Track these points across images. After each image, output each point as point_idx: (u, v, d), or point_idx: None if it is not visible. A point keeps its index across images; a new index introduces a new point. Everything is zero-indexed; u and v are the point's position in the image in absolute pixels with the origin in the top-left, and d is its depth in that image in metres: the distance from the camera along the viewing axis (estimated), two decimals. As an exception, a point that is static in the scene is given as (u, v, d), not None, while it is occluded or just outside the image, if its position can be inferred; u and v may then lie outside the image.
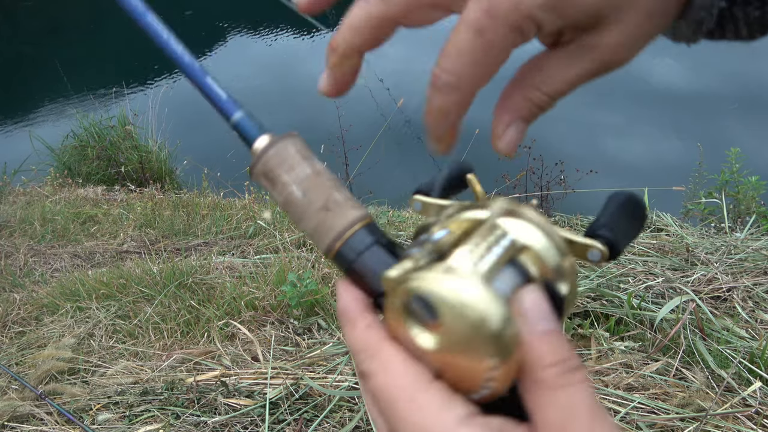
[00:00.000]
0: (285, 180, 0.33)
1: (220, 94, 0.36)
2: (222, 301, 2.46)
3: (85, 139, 6.10)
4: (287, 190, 0.33)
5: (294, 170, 0.33)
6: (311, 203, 0.33)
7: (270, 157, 0.34)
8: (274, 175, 0.34)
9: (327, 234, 0.33)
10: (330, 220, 0.33)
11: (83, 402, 1.92)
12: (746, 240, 2.44)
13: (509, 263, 0.29)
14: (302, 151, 0.34)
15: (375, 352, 0.30)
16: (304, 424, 1.66)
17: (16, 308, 2.84)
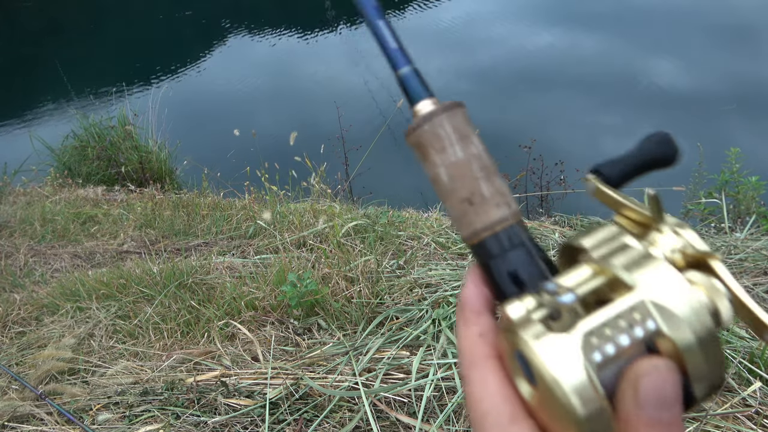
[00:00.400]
0: (434, 160, 0.32)
1: (390, 42, 0.34)
2: (222, 301, 2.46)
3: (85, 139, 6.10)
4: (435, 171, 0.32)
5: (445, 152, 0.31)
6: (455, 191, 0.31)
7: (424, 132, 0.32)
8: (425, 150, 0.32)
9: (466, 227, 0.32)
10: (471, 215, 0.31)
11: (83, 402, 1.92)
12: (746, 240, 2.43)
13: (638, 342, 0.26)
14: (460, 129, 0.32)
15: (479, 363, 0.30)
16: (304, 424, 1.66)
17: (16, 308, 2.84)
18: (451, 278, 2.28)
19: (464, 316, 0.31)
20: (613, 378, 0.26)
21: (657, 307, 0.26)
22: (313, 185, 3.91)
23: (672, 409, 0.25)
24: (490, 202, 0.31)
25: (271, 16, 12.34)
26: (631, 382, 0.25)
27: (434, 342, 1.88)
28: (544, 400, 0.27)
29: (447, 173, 0.31)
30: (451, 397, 1.64)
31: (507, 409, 0.28)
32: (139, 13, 13.61)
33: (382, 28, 0.34)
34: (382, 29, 0.34)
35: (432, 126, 0.32)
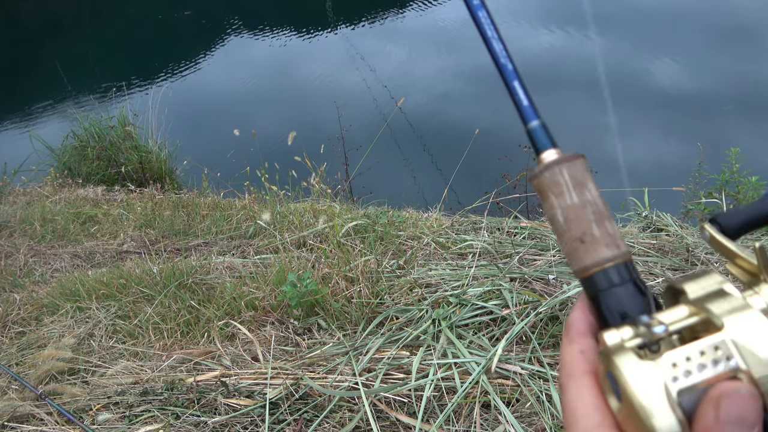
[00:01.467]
0: (552, 202, 0.36)
1: (522, 98, 0.39)
2: (222, 301, 2.46)
3: (85, 139, 6.10)
4: (552, 212, 0.36)
5: (562, 196, 0.36)
6: (569, 231, 0.36)
7: (545, 178, 0.36)
8: (545, 194, 0.37)
9: (576, 263, 0.36)
10: (581, 252, 0.35)
11: (83, 402, 1.92)
12: (746, 240, 2.44)
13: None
14: (576, 177, 0.36)
15: (576, 376, 0.34)
16: (304, 424, 1.66)
17: (16, 308, 2.84)
18: (451, 278, 2.28)
19: (569, 335, 0.36)
20: (692, 404, 0.29)
21: (741, 347, 0.30)
22: (313, 185, 3.91)
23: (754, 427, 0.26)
24: (600, 242, 0.35)
25: (271, 16, 12.33)
26: (713, 402, 0.27)
27: (434, 342, 1.88)
28: (629, 416, 0.30)
29: (563, 215, 0.36)
30: (451, 397, 1.64)
31: (596, 417, 0.32)
32: (139, 14, 13.61)
33: (517, 87, 0.39)
34: (518, 88, 0.39)
35: (552, 173, 0.36)
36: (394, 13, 11.13)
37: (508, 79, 0.40)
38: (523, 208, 4.28)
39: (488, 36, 0.41)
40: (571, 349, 0.35)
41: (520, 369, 1.70)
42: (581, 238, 0.35)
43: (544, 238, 2.63)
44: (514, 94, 0.39)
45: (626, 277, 0.35)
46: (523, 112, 0.39)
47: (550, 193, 0.36)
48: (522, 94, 0.39)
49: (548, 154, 0.37)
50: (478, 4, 0.41)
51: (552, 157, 0.37)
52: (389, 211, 3.22)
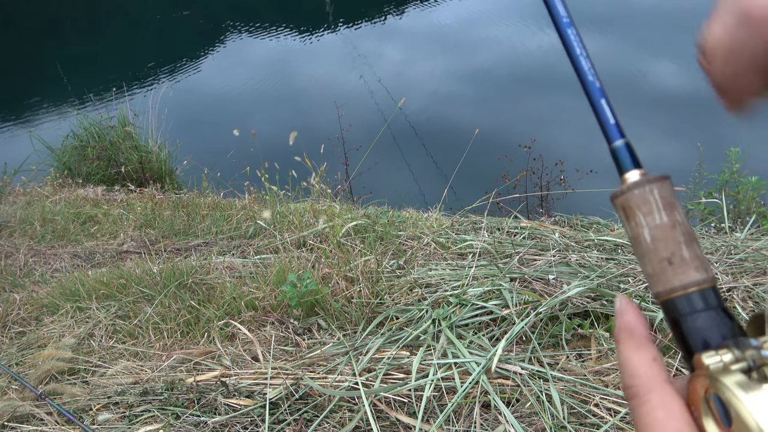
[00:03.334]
0: (639, 221, 0.36)
1: (609, 117, 0.39)
2: (222, 301, 2.46)
3: (85, 139, 6.10)
4: (638, 231, 0.36)
5: (651, 215, 0.35)
6: (656, 251, 0.35)
7: (633, 196, 0.36)
8: (631, 212, 0.36)
9: (661, 284, 0.35)
10: (669, 273, 0.35)
11: (83, 402, 1.92)
12: (746, 240, 2.44)
13: None
14: (666, 198, 0.36)
15: (657, 387, 0.33)
16: (304, 424, 1.66)
17: (16, 308, 2.84)
18: (451, 278, 2.28)
19: (635, 341, 0.34)
20: None
21: None
22: (313, 185, 3.91)
23: None
24: (689, 264, 0.35)
25: (270, 16, 12.33)
26: None
27: (434, 342, 1.88)
28: None
29: (650, 234, 0.35)
30: (451, 397, 1.64)
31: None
32: (139, 14, 13.61)
33: (604, 105, 0.39)
34: (604, 107, 0.39)
35: (642, 191, 0.36)
36: (394, 13, 11.13)
37: (595, 98, 0.40)
38: (523, 208, 4.28)
39: (576, 54, 0.41)
40: (642, 357, 0.34)
41: (520, 369, 1.70)
42: (670, 259, 0.35)
43: (544, 238, 2.63)
44: (600, 112, 0.39)
45: (714, 303, 0.34)
46: (608, 131, 0.39)
47: (638, 212, 0.36)
48: (609, 113, 0.39)
49: (632, 174, 0.37)
50: (567, 22, 0.42)
51: (636, 177, 0.37)
52: (389, 211, 3.22)
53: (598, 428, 1.50)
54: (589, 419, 1.54)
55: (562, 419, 1.52)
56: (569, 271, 2.19)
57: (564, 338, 1.84)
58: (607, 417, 1.53)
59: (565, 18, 0.42)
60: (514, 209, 3.01)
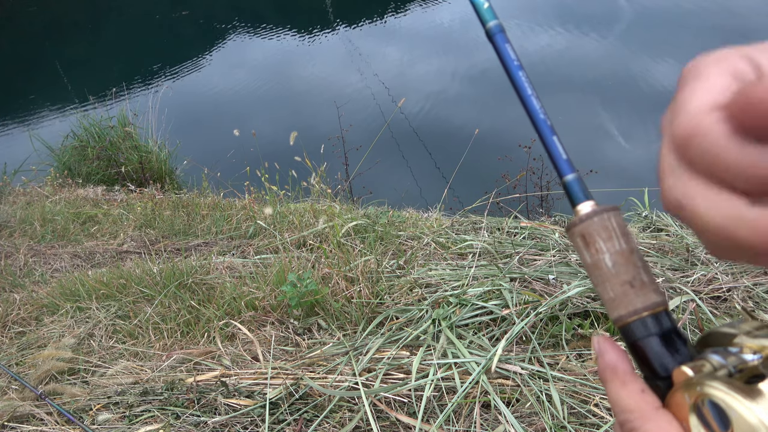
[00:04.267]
0: (600, 247, 0.37)
1: (560, 153, 0.41)
2: (222, 301, 2.46)
3: (85, 139, 6.11)
4: (598, 257, 0.37)
5: (611, 240, 0.37)
6: (617, 275, 0.36)
7: (593, 223, 0.38)
8: (591, 239, 0.37)
9: (624, 307, 0.36)
10: (631, 295, 0.36)
11: (83, 402, 1.92)
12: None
13: None
14: (622, 226, 0.37)
15: (651, 416, 0.33)
16: (304, 424, 1.66)
17: (16, 308, 2.84)
18: (451, 278, 2.28)
19: (620, 377, 0.35)
20: None
21: None
22: (313, 185, 3.91)
23: None
24: (649, 287, 0.36)
25: (271, 16, 12.34)
26: None
27: (434, 342, 1.88)
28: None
29: (611, 259, 0.37)
30: (451, 397, 1.64)
31: None
32: (139, 14, 13.61)
33: (555, 142, 0.41)
34: (555, 143, 0.41)
35: (601, 219, 0.38)
36: (394, 14, 11.13)
37: (546, 135, 0.42)
38: (523, 208, 4.28)
39: (527, 94, 0.43)
40: (629, 391, 0.34)
41: (520, 369, 1.70)
42: (631, 282, 0.36)
43: (544, 238, 2.63)
44: (552, 148, 0.41)
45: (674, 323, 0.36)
46: (559, 166, 0.41)
47: (598, 238, 0.37)
48: (560, 149, 0.41)
49: (585, 205, 0.39)
50: (517, 66, 0.44)
51: (589, 208, 0.38)
52: (389, 211, 3.22)
53: (598, 428, 1.50)
54: (589, 419, 1.54)
55: (562, 419, 1.52)
56: (569, 271, 2.19)
57: (564, 338, 1.84)
58: (607, 417, 1.53)
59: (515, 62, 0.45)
60: (514, 209, 3.01)
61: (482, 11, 0.45)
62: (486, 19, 0.45)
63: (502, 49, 0.45)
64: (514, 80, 0.44)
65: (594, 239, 0.37)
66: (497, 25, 0.45)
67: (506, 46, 0.44)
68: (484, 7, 0.45)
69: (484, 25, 0.45)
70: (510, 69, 0.44)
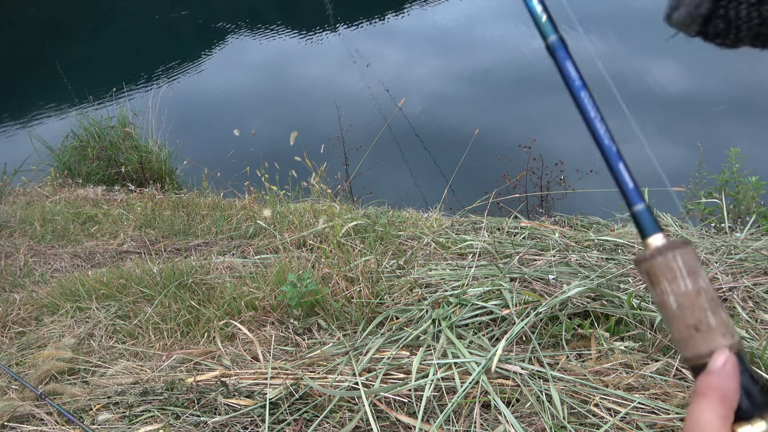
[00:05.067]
0: (665, 288, 0.36)
1: (628, 182, 0.39)
2: (222, 301, 2.46)
3: (85, 139, 6.11)
4: (664, 297, 0.36)
5: (676, 281, 0.36)
6: (683, 318, 0.35)
7: (658, 263, 0.36)
8: (656, 279, 0.36)
9: (689, 349, 0.36)
10: (697, 340, 0.35)
11: (83, 402, 1.92)
12: (746, 240, 2.44)
13: None
14: (689, 264, 0.36)
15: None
16: (304, 424, 1.66)
17: (16, 308, 2.84)
18: (451, 278, 2.28)
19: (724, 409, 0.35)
20: None
21: None
22: (313, 185, 3.91)
23: None
24: (716, 331, 0.35)
25: (270, 16, 12.33)
26: None
27: (434, 342, 1.88)
28: None
29: (676, 301, 0.36)
30: (451, 397, 1.64)
31: None
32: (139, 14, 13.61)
33: (622, 169, 0.39)
34: (623, 170, 0.39)
35: (665, 259, 0.36)
36: (393, 14, 11.13)
37: (613, 162, 0.40)
38: (523, 208, 4.28)
39: (591, 117, 0.41)
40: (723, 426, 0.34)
41: (520, 369, 1.70)
42: (696, 326, 0.35)
43: (544, 238, 2.63)
44: (618, 176, 0.39)
45: (744, 366, 0.35)
46: (628, 195, 0.39)
47: (663, 279, 0.36)
48: (627, 177, 0.39)
49: (656, 238, 0.37)
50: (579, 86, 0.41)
51: (659, 242, 0.37)
52: (389, 211, 3.22)
53: (598, 428, 1.50)
54: (589, 419, 1.54)
55: (562, 419, 1.52)
56: (569, 271, 2.19)
57: (564, 338, 1.84)
58: (607, 417, 1.53)
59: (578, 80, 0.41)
60: (514, 209, 3.01)
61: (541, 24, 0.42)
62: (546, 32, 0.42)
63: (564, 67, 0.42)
64: (578, 101, 0.41)
65: (659, 279, 0.36)
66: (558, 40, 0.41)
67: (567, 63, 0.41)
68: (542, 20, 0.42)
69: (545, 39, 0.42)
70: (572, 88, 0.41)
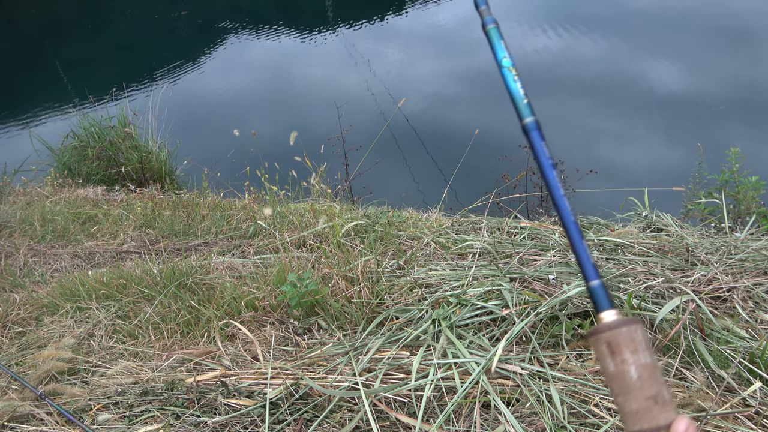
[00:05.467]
0: (626, 358, 0.38)
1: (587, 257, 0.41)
2: (222, 301, 2.46)
3: (85, 139, 6.11)
4: (623, 367, 0.37)
5: (637, 353, 0.38)
6: (642, 389, 0.37)
7: (621, 333, 0.38)
8: (618, 349, 0.38)
9: (647, 421, 0.37)
10: (654, 411, 0.37)
11: (83, 402, 1.92)
12: (746, 240, 2.44)
13: None
14: (646, 339, 0.38)
15: None
16: (304, 424, 1.66)
17: (16, 308, 2.84)
18: (451, 278, 2.28)
19: None
20: None
21: None
22: (313, 185, 3.91)
23: None
24: (670, 405, 0.37)
25: (270, 16, 12.33)
26: None
27: (434, 342, 1.88)
28: None
29: (637, 372, 0.37)
30: (451, 397, 1.64)
31: None
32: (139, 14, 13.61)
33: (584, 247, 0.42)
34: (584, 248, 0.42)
35: (629, 330, 0.38)
36: (393, 14, 11.13)
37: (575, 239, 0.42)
38: (523, 208, 4.28)
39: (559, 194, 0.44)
40: None
41: (520, 369, 1.70)
42: (655, 397, 0.36)
43: (544, 238, 2.63)
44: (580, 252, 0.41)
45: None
46: (585, 271, 0.41)
47: (624, 349, 0.37)
48: (588, 254, 0.41)
49: (609, 313, 0.39)
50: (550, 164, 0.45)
51: (614, 317, 0.39)
52: (389, 211, 3.22)
53: (598, 428, 1.50)
54: (589, 419, 1.54)
55: (562, 419, 1.52)
56: (569, 271, 2.19)
57: (564, 338, 1.84)
58: (607, 417, 1.53)
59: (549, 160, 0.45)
60: (514, 209, 3.01)
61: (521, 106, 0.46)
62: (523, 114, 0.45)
63: (538, 147, 0.45)
64: (547, 179, 0.44)
65: (621, 349, 0.37)
66: (533, 122, 0.45)
67: (542, 144, 0.45)
68: (523, 102, 0.46)
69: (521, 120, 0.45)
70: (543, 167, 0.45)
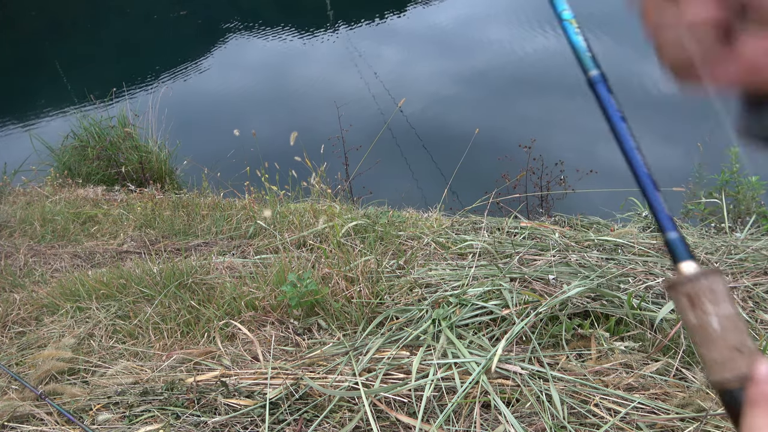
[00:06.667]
0: (708, 309, 0.37)
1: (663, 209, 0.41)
2: (222, 301, 2.46)
3: (85, 139, 6.11)
4: (706, 319, 0.37)
5: (719, 305, 0.37)
6: (725, 339, 0.37)
7: (702, 285, 0.38)
8: (699, 301, 0.38)
9: (731, 371, 0.37)
10: (739, 361, 0.36)
11: (83, 402, 1.92)
12: (746, 240, 2.44)
13: None
14: (727, 291, 0.38)
15: None
16: (304, 424, 1.66)
17: (16, 308, 2.84)
18: (451, 278, 2.28)
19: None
20: None
21: None
22: (313, 185, 3.91)
23: None
24: (756, 353, 0.37)
25: (270, 16, 12.34)
26: None
27: (434, 342, 1.88)
28: None
29: (719, 323, 0.37)
30: (451, 397, 1.64)
31: None
32: (139, 14, 13.61)
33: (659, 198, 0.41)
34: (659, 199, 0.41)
35: (709, 282, 0.38)
36: (393, 14, 11.13)
37: (649, 191, 0.41)
38: (523, 208, 4.28)
39: (630, 146, 0.43)
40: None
41: (520, 369, 1.70)
42: (739, 347, 0.36)
43: (544, 238, 2.63)
44: (655, 204, 0.41)
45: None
46: (662, 222, 0.41)
47: (706, 301, 0.37)
48: (663, 205, 0.41)
49: (689, 264, 0.39)
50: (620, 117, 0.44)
51: (694, 268, 0.38)
52: (389, 211, 3.22)
53: (598, 428, 1.50)
54: (589, 419, 1.54)
55: (562, 419, 1.52)
56: (569, 271, 2.19)
57: (564, 338, 1.84)
58: (607, 417, 1.53)
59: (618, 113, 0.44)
60: (514, 209, 3.01)
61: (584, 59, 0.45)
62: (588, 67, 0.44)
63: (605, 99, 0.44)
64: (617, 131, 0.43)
65: (701, 301, 0.37)
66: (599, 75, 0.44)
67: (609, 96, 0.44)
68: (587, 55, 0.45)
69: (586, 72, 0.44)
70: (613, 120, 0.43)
